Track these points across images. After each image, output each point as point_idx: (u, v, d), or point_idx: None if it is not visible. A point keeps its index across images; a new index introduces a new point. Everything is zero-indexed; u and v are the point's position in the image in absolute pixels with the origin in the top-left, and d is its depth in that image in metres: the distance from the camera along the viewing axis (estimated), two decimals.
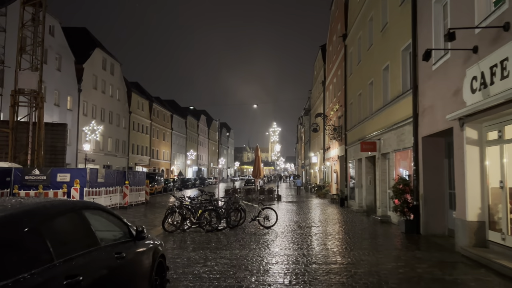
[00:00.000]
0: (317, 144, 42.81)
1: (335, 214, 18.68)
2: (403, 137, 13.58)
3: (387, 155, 16.03)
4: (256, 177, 30.54)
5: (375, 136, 16.82)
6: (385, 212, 16.08)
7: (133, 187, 24.05)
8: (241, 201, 13.73)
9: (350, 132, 23.08)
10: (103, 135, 43.89)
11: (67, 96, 36.83)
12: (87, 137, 34.98)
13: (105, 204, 19.87)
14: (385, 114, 15.75)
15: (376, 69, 17.16)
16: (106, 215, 4.39)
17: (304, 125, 59.34)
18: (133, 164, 53.04)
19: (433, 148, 11.81)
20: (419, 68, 12.06)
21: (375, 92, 17.47)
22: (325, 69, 36.36)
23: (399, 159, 14.44)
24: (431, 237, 11.30)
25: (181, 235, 11.81)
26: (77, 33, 42.91)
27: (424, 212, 11.77)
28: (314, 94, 46.39)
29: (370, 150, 16.63)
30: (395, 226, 13.70)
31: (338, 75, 28.07)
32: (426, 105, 11.49)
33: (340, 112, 26.82)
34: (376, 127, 16.82)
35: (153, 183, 38.17)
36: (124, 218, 4.82)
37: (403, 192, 12.37)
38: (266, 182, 75.73)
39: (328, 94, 34.44)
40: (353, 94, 22.35)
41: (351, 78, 23.13)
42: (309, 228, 13.35)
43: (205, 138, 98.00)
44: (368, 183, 19.05)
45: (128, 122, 51.17)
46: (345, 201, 23.57)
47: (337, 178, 28.28)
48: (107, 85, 45.41)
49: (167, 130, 68.13)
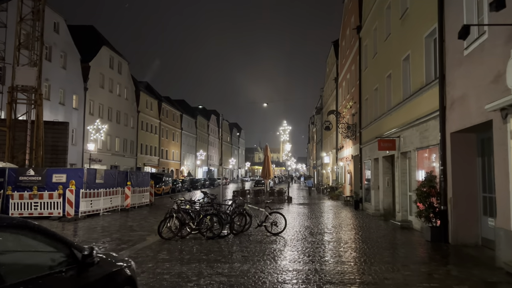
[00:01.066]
0: (329, 144, 41.30)
1: (350, 218, 17.27)
2: (427, 134, 12.13)
3: (407, 153, 14.57)
4: (265, 178, 29.23)
5: (394, 134, 15.37)
6: (406, 217, 14.62)
7: (136, 188, 22.93)
8: (246, 204, 12.44)
9: (365, 130, 21.61)
10: (110, 134, 43.08)
11: (72, 95, 36.01)
12: (92, 136, 34.03)
13: (104, 207, 18.82)
14: (405, 109, 14.29)
15: (394, 60, 15.70)
16: (34, 235, 3.10)
17: (316, 124, 57.81)
18: (142, 165, 52.19)
19: (463, 145, 10.35)
20: (447, 54, 10.61)
21: (393, 86, 16.01)
22: (338, 65, 34.86)
23: (422, 158, 12.98)
24: (462, 248, 9.85)
25: (178, 243, 10.57)
26: (84, 31, 42.13)
27: (453, 218, 10.31)
28: (326, 92, 44.87)
29: (389, 148, 15.18)
30: (418, 233, 12.25)
31: (352, 70, 26.60)
32: (456, 96, 10.05)
33: (354, 109, 25.34)
34: (395, 123, 15.37)
35: (161, 184, 37.15)
36: (63, 236, 3.48)
37: (428, 195, 10.93)
38: (277, 183, 74.43)
39: (341, 91, 32.94)
40: (368, 89, 20.88)
41: (366, 72, 21.66)
42: (321, 235, 11.98)
43: (216, 138, 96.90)
44: (386, 185, 17.58)
45: (136, 121, 50.31)
46: (360, 203, 22.11)
47: (351, 179, 26.80)
48: (115, 84, 44.57)
49: (176, 130, 67.23)
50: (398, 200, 15.11)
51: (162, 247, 9.96)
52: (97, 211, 18.12)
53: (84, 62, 37.99)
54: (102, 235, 12.40)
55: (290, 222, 15.06)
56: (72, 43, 36.05)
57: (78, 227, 14.35)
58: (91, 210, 17.54)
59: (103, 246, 10.52)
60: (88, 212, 17.32)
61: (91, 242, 11.10)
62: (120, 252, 9.34)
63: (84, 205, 16.93)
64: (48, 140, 23.37)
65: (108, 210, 19.38)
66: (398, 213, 15.01)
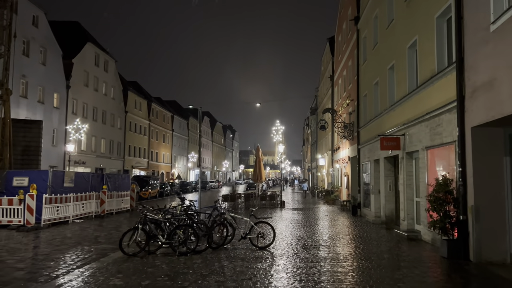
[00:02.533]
0: (324, 145, 39.53)
1: (348, 226, 15.44)
2: (440, 130, 10.35)
3: (414, 153, 12.79)
4: (257, 180, 27.38)
5: (398, 131, 13.59)
6: (412, 226, 12.83)
7: (114, 193, 20.99)
8: (228, 213, 10.55)
9: (364, 129, 19.83)
10: (95, 135, 41.04)
11: (53, 93, 33.93)
12: (71, 136, 31.98)
13: (75, 213, 16.88)
14: (411, 102, 12.53)
15: (398, 49, 13.95)
16: None
17: (311, 126, 56.05)
18: (130, 167, 50.10)
19: (487, 142, 8.58)
20: (466, 34, 8.84)
21: (397, 77, 14.25)
22: (334, 63, 33.15)
23: (434, 158, 11.19)
24: (488, 267, 8.06)
25: (142, 261, 8.67)
26: (68, 27, 40.19)
27: (475, 230, 8.52)
28: (322, 91, 43.13)
29: (392, 148, 13.39)
30: (429, 247, 10.45)
31: (349, 66, 24.88)
32: (479, 83, 8.27)
33: (351, 107, 23.59)
34: (399, 119, 13.59)
35: (147, 188, 35.19)
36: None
37: (443, 202, 9.13)
38: (271, 186, 72.45)
39: (337, 89, 31.20)
40: (367, 84, 19.13)
41: (364, 66, 19.92)
42: (316, 250, 10.13)
43: (209, 140, 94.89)
44: (388, 189, 15.79)
45: (124, 122, 48.24)
46: (358, 209, 20.32)
47: (348, 182, 25.01)
48: (100, 82, 42.52)
49: (167, 132, 65.18)
50: (403, 206, 13.31)
51: (120, 267, 8.07)
52: (66, 219, 16.16)
53: (67, 59, 35.96)
54: (55, 250, 10.46)
55: (281, 232, 13.21)
56: (53, 38, 34.01)
57: (32, 239, 12.36)
58: (57, 218, 15.56)
59: (45, 266, 8.59)
60: (54, 220, 15.34)
61: (33, 260, 9.17)
62: (60, 278, 7.45)
63: (48, 212, 14.95)
64: (19, 140, 21.38)
65: (80, 217, 17.42)
66: (403, 221, 13.20)
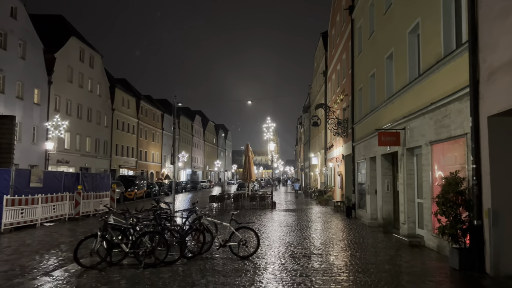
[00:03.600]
0: (317, 144, 38.27)
1: (342, 229, 14.14)
2: (447, 122, 9.08)
3: (416, 149, 11.51)
4: (246, 180, 26.02)
5: (398, 125, 12.31)
6: (413, 230, 11.55)
7: (91, 193, 19.51)
8: (204, 217, 9.18)
9: (359, 125, 18.57)
10: (80, 133, 39.42)
11: (33, 89, 32.25)
12: (50, 134, 30.35)
13: (44, 216, 15.41)
14: (413, 93, 11.26)
15: (397, 35, 12.69)
16: None
17: (304, 124, 54.81)
18: (117, 166, 48.48)
19: (508, 134, 7.32)
20: (481, 7, 7.57)
21: (396, 67, 12.99)
22: (327, 58, 31.89)
23: (440, 154, 9.91)
24: (507, 281, 6.80)
25: (100, 275, 7.29)
26: (51, 20, 38.55)
27: (492, 237, 7.25)
28: (315, 88, 41.88)
29: (391, 143, 12.11)
30: (435, 255, 9.17)
31: (343, 59, 23.62)
32: (498, 63, 7.00)
33: (346, 103, 22.32)
34: (399, 112, 12.32)
35: (133, 188, 33.67)
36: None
37: (454, 204, 7.85)
38: (263, 186, 71.07)
39: (330, 85, 29.94)
40: (363, 77, 17.86)
41: (360, 58, 18.65)
42: (307, 259, 8.80)
43: (200, 139, 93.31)
44: (385, 189, 14.52)
45: (111, 120, 46.61)
46: (353, 210, 19.04)
47: (342, 182, 23.75)
48: (85, 78, 40.86)
49: (157, 130, 63.56)
50: (403, 208, 12.03)
51: (70, 282, 6.68)
52: (33, 222, 14.68)
53: (49, 53, 34.32)
54: (5, 260, 9.01)
55: (268, 236, 11.88)
56: (34, 31, 32.34)
57: None
58: (21, 221, 14.08)
59: None
60: (17, 224, 13.86)
61: None
62: None
63: (10, 215, 13.46)
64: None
65: (51, 220, 15.95)
66: (403, 225, 11.92)
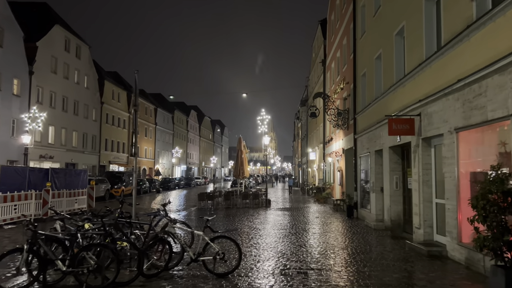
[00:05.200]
0: (315, 138, 36.32)
1: (344, 234, 12.22)
2: (481, 101, 7.14)
3: (434, 139, 9.58)
4: (238, 176, 24.06)
5: (411, 111, 10.37)
6: (431, 236, 9.63)
7: (64, 191, 17.54)
8: (170, 225, 7.21)
9: (362, 115, 16.63)
10: (65, 127, 37.37)
11: (12, 79, 30.13)
12: (27, 126, 28.26)
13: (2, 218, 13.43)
14: (431, 71, 9.31)
15: (410, 6, 10.71)
16: None
17: (301, 119, 52.84)
18: (107, 162, 46.46)
19: None
20: None
21: (408, 43, 11.02)
22: (326, 46, 29.89)
23: (470, 143, 7.95)
24: None
25: None
26: (34, 8, 36.40)
27: None
28: (312, 80, 39.88)
29: (404, 132, 10.15)
30: (464, 271, 7.25)
31: (343, 45, 21.64)
32: None
33: (347, 92, 20.36)
34: (412, 96, 10.37)
35: (119, 184, 31.69)
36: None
37: (498, 209, 5.90)
38: (260, 182, 69.11)
39: (329, 74, 27.96)
40: (366, 61, 15.90)
41: (363, 39, 16.68)
42: (302, 278, 6.85)
43: (196, 135, 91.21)
44: (394, 187, 12.59)
45: (99, 114, 44.53)
46: (355, 210, 17.15)
47: (342, 178, 21.81)
48: (71, 69, 38.73)
49: (150, 125, 61.44)
50: (417, 210, 10.09)
51: None
52: None
53: (30, 42, 32.23)
54: None
55: (257, 243, 9.94)
56: (13, 18, 30.17)
57: None
58: None
59: None
60: None
61: None
62: None
63: None
64: None
65: (11, 222, 13.98)
66: (418, 229, 10.00)
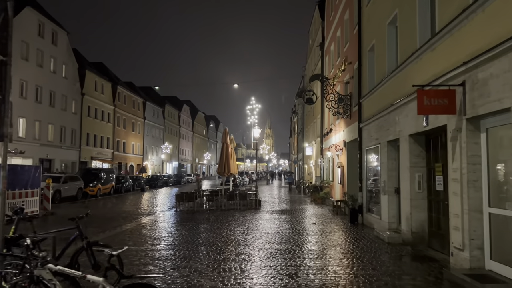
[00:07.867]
0: (312, 131, 33.24)
1: (349, 251, 9.15)
2: None
3: (488, 119, 6.51)
4: (223, 174, 20.96)
5: (448, 80, 7.29)
6: (481, 262, 6.57)
7: (10, 192, 14.39)
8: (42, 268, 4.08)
9: (369, 98, 13.54)
10: (39, 120, 34.19)
11: None
12: None
13: None
14: (479, 20, 6.23)
15: None
16: None
17: (298, 113, 49.75)
18: (89, 158, 43.29)
19: None
20: None
21: None
22: (324, 28, 26.78)
23: None
24: None
25: None
26: None
27: None
28: (309, 67, 36.74)
29: (440, 110, 7.06)
30: None
31: (345, 20, 18.54)
32: None
33: (349, 74, 17.28)
34: (449, 60, 7.29)
35: (96, 183, 28.56)
36: None
37: None
38: (254, 179, 66.04)
39: (328, 58, 24.87)
40: (375, 30, 12.79)
41: (370, 5, 13.56)
42: None
43: (189, 130, 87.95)
44: (416, 188, 9.52)
45: (80, 106, 41.32)
46: (359, 214, 14.11)
47: (343, 176, 18.73)
48: (46, 57, 35.51)
49: (138, 119, 58.20)
50: (460, 223, 7.01)
51: None
52: None
53: None
54: None
55: (227, 268, 6.83)
56: None
57: None
58: None
59: None
60: None
61: None
62: None
63: None
64: None
65: None
66: (460, 251, 6.93)
